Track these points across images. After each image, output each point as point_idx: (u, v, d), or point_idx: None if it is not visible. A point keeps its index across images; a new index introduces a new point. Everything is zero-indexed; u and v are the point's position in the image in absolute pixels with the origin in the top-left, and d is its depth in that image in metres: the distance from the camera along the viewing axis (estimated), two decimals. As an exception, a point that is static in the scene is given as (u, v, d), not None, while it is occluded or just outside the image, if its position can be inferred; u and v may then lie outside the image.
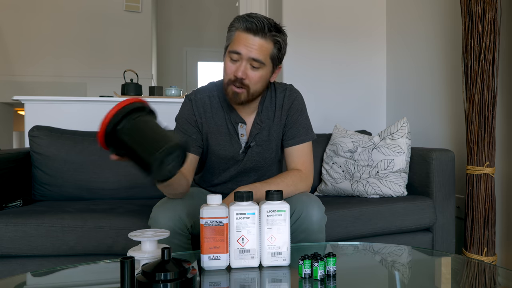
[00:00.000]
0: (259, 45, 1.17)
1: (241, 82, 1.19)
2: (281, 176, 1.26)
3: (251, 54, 1.16)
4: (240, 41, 1.17)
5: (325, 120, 2.53)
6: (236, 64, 1.19)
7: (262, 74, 1.21)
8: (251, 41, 1.16)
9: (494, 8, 1.64)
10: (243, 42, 1.16)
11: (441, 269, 0.98)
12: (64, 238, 1.44)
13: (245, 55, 1.16)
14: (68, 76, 4.96)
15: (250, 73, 1.19)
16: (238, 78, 1.18)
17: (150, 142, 0.77)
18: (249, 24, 1.15)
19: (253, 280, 0.88)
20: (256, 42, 1.16)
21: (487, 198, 1.70)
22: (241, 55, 1.17)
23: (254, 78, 1.20)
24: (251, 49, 1.16)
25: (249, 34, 1.16)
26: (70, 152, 1.90)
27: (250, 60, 1.17)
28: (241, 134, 1.31)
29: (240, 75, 1.17)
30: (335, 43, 2.62)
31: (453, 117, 2.13)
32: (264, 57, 1.18)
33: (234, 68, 1.19)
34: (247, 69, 1.18)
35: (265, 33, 1.16)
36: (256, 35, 1.16)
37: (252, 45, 1.16)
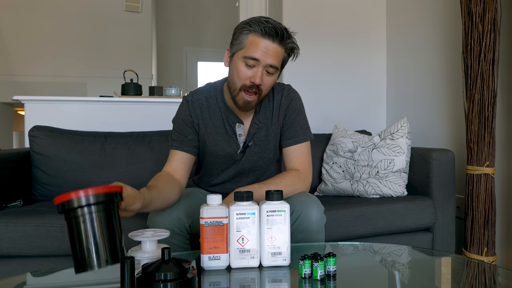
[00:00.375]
0: (277, 51, 1.16)
1: (257, 88, 1.19)
2: (280, 176, 1.26)
3: (269, 60, 1.16)
4: (258, 46, 1.15)
5: (325, 120, 2.53)
6: (253, 70, 1.17)
7: (274, 79, 1.22)
8: (269, 47, 1.15)
9: (494, 8, 1.64)
10: (261, 48, 1.15)
11: (441, 269, 0.98)
12: (64, 238, 1.44)
13: (263, 62, 1.16)
14: (68, 76, 4.96)
15: (265, 79, 1.19)
16: (255, 85, 1.18)
17: (85, 250, 0.69)
18: (267, 29, 1.14)
19: (253, 280, 0.88)
20: (275, 48, 1.16)
21: (487, 198, 1.70)
22: (258, 61, 1.16)
23: (268, 84, 1.20)
24: (269, 56, 1.15)
25: (267, 40, 1.15)
26: (70, 152, 1.90)
27: (267, 66, 1.17)
28: (239, 134, 1.31)
29: (258, 82, 1.17)
30: (335, 43, 2.62)
31: (453, 117, 2.13)
32: (278, 63, 1.19)
33: (251, 74, 1.17)
34: (264, 75, 1.18)
35: (284, 39, 1.16)
36: (274, 41, 1.15)
37: (270, 51, 1.15)
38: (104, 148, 1.95)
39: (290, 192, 1.24)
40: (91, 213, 0.70)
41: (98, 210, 0.71)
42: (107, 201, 0.72)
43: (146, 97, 2.54)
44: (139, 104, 2.35)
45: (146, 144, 2.00)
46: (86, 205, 0.70)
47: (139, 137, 2.03)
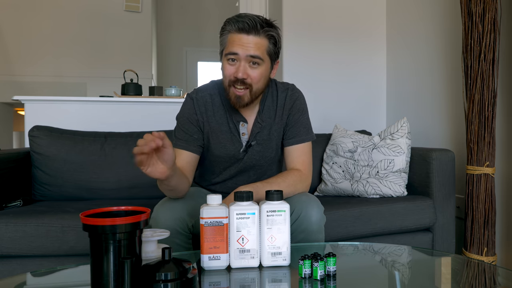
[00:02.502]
0: (254, 42, 1.17)
1: (242, 82, 1.19)
2: (281, 175, 1.26)
3: (249, 52, 1.17)
4: (235, 42, 1.17)
5: (325, 120, 2.53)
6: (235, 65, 1.19)
7: (262, 71, 1.21)
8: (246, 40, 1.16)
9: (494, 8, 1.64)
10: (238, 42, 1.17)
11: (441, 269, 0.98)
12: (64, 238, 1.44)
13: (243, 54, 1.17)
14: (68, 76, 4.96)
15: (250, 72, 1.19)
16: (239, 79, 1.18)
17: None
18: (240, 25, 1.16)
19: (253, 280, 0.88)
20: (251, 40, 1.17)
21: (487, 198, 1.70)
22: (238, 55, 1.17)
23: (255, 76, 1.20)
24: (247, 48, 1.16)
25: (242, 34, 1.16)
26: (70, 152, 1.90)
27: (249, 58, 1.17)
28: (242, 133, 1.31)
29: (241, 76, 1.17)
30: (335, 43, 2.62)
31: (453, 117, 2.13)
32: (261, 53, 1.19)
33: (234, 70, 1.19)
34: (247, 68, 1.18)
35: (258, 30, 1.17)
36: (249, 33, 1.16)
37: (248, 43, 1.16)
38: (104, 148, 1.95)
39: (291, 192, 1.24)
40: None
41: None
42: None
43: (146, 97, 2.54)
44: (139, 104, 2.35)
45: (146, 144, 2.00)
46: None
47: (139, 137, 2.02)
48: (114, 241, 0.70)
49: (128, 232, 0.70)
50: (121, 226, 0.69)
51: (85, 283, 0.82)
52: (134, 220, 0.71)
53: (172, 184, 1.10)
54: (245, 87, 1.20)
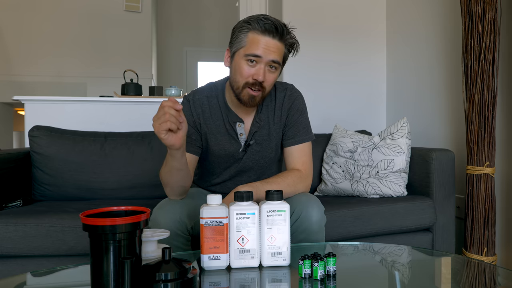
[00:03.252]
0: (278, 47, 1.17)
1: (260, 84, 1.19)
2: (282, 175, 1.26)
3: (270, 56, 1.16)
4: (259, 43, 1.15)
5: (325, 120, 2.53)
6: (255, 67, 1.18)
7: (276, 76, 1.22)
8: (271, 43, 1.15)
9: (494, 8, 1.64)
10: (262, 45, 1.15)
11: (441, 269, 0.98)
12: (64, 238, 1.44)
13: (265, 58, 1.16)
14: (68, 76, 4.95)
15: (268, 75, 1.19)
16: (257, 82, 1.18)
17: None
18: (267, 26, 1.14)
19: (253, 280, 0.88)
20: (276, 44, 1.16)
21: (487, 198, 1.70)
22: (261, 58, 1.16)
23: (271, 80, 1.21)
24: (270, 52, 1.16)
25: (267, 37, 1.15)
26: (70, 152, 1.90)
27: (270, 62, 1.17)
28: (239, 133, 1.31)
29: (261, 79, 1.17)
30: (335, 43, 2.62)
31: (453, 117, 2.13)
32: (280, 58, 1.19)
33: (254, 71, 1.18)
34: (266, 71, 1.18)
35: (283, 35, 1.17)
36: (275, 37, 1.16)
37: (272, 47, 1.16)
38: (104, 148, 1.95)
39: (291, 192, 1.24)
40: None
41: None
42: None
43: (146, 97, 2.54)
44: (139, 104, 2.35)
45: (146, 144, 2.00)
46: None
47: (139, 137, 2.03)
48: (114, 241, 0.70)
49: (128, 232, 0.70)
50: (121, 226, 0.70)
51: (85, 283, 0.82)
52: (134, 220, 0.71)
53: (183, 161, 1.12)
54: (260, 89, 1.20)
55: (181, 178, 1.17)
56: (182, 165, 1.13)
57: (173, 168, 1.14)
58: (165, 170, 1.16)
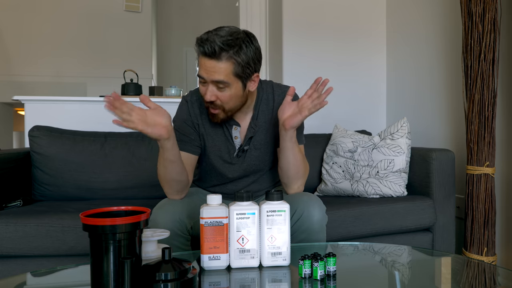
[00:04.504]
0: (216, 67, 1.14)
1: (212, 103, 1.20)
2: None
3: (212, 77, 1.15)
4: (201, 65, 1.17)
5: (325, 120, 2.53)
6: (205, 87, 1.19)
7: (231, 93, 1.19)
8: (208, 64, 1.15)
9: (494, 8, 1.64)
10: (203, 66, 1.16)
11: (441, 269, 0.98)
12: (64, 238, 1.44)
13: (208, 79, 1.17)
14: (68, 76, 4.95)
15: (219, 94, 1.18)
16: (207, 101, 1.19)
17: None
18: (201, 49, 1.14)
19: (253, 280, 0.88)
20: (213, 65, 1.14)
21: (487, 198, 1.70)
22: (204, 79, 1.18)
23: (224, 98, 1.19)
24: (210, 73, 1.15)
25: (205, 58, 1.15)
26: (70, 152, 1.90)
27: (214, 82, 1.17)
28: (234, 137, 1.31)
29: (208, 98, 1.18)
30: (335, 43, 2.62)
31: (453, 117, 2.13)
32: (225, 77, 1.15)
33: (204, 91, 1.19)
34: (214, 91, 1.18)
35: (217, 54, 1.13)
36: (211, 58, 1.14)
37: (210, 68, 1.15)
38: (104, 148, 1.95)
39: (302, 170, 1.27)
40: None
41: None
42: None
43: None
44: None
45: (146, 144, 2.00)
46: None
47: (139, 137, 2.03)
48: (114, 241, 0.70)
49: (128, 232, 0.70)
50: (121, 226, 0.70)
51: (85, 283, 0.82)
52: (134, 220, 0.71)
53: (174, 152, 1.14)
54: (216, 107, 1.21)
55: (176, 171, 1.18)
56: (174, 157, 1.15)
57: (166, 161, 1.15)
58: (159, 165, 1.18)
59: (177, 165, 1.17)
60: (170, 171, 1.17)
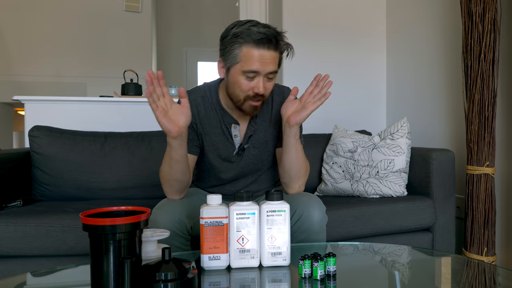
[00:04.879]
0: (273, 57, 1.16)
1: (261, 96, 1.19)
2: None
3: (268, 68, 1.16)
4: (254, 58, 1.13)
5: (325, 120, 2.53)
6: (254, 81, 1.17)
7: (273, 83, 1.23)
8: (266, 55, 1.14)
9: (494, 8, 1.64)
10: (258, 59, 1.14)
11: (441, 269, 0.98)
12: (64, 238, 1.44)
13: (263, 72, 1.16)
14: (68, 76, 4.95)
15: (267, 84, 1.20)
16: (258, 94, 1.18)
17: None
18: (260, 38, 1.12)
19: (253, 280, 0.88)
20: (270, 55, 1.15)
21: (487, 198, 1.70)
22: (259, 73, 1.16)
23: (269, 88, 1.21)
24: (267, 64, 1.15)
25: (262, 50, 1.13)
26: (70, 152, 1.90)
27: (267, 74, 1.17)
28: (234, 135, 1.31)
29: (262, 91, 1.18)
30: (335, 43, 2.62)
31: (453, 117, 2.13)
32: (276, 66, 1.19)
33: (253, 85, 1.17)
34: (265, 82, 1.18)
35: (279, 44, 1.16)
36: (269, 48, 1.14)
37: (267, 59, 1.14)
38: (104, 148, 1.95)
39: (303, 169, 1.28)
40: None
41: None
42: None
43: (146, 97, 2.53)
44: (139, 104, 2.35)
45: (146, 144, 2.00)
46: None
47: (139, 137, 2.03)
48: (114, 241, 0.70)
49: (128, 232, 0.70)
50: (121, 226, 0.70)
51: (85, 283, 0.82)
52: (134, 220, 0.71)
53: (181, 152, 1.14)
54: (261, 99, 1.21)
55: (180, 171, 1.18)
56: (180, 157, 1.15)
57: (172, 160, 1.15)
58: (164, 162, 1.18)
59: (182, 165, 1.17)
60: (175, 170, 1.17)
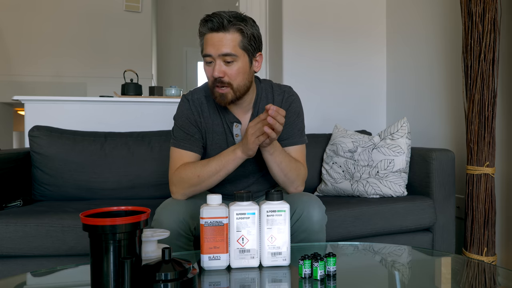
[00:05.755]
0: (224, 39, 1.17)
1: (221, 81, 1.19)
2: (293, 158, 1.29)
3: (219, 50, 1.17)
4: (207, 42, 1.18)
5: (325, 120, 2.53)
6: (212, 66, 1.20)
7: (239, 67, 1.20)
8: (215, 38, 1.17)
9: (494, 8, 1.64)
10: (209, 42, 1.18)
11: (441, 269, 0.98)
12: (64, 238, 1.44)
13: (215, 54, 1.17)
14: (68, 76, 4.96)
15: (227, 69, 1.19)
16: (216, 78, 1.19)
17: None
18: (209, 24, 1.17)
19: (253, 280, 0.88)
20: (221, 37, 1.17)
21: (487, 198, 1.70)
22: (212, 56, 1.18)
23: (232, 73, 1.20)
24: (218, 46, 1.17)
25: (212, 33, 1.17)
26: (70, 152, 1.90)
27: (222, 57, 1.17)
28: (235, 134, 1.31)
29: (217, 74, 1.18)
30: (335, 43, 2.62)
31: (453, 117, 2.13)
32: (233, 48, 1.18)
33: (211, 70, 1.20)
34: (222, 66, 1.18)
35: (225, 26, 1.16)
36: (218, 31, 1.17)
37: (218, 41, 1.17)
38: (104, 148, 1.95)
39: (293, 175, 1.27)
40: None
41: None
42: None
43: (146, 97, 2.54)
44: (139, 104, 2.35)
45: (146, 144, 2.00)
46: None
47: (139, 137, 2.03)
48: (114, 241, 0.70)
49: (128, 232, 0.70)
50: (121, 226, 0.70)
51: (85, 283, 0.82)
52: (134, 220, 0.71)
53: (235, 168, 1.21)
54: (225, 85, 1.20)
55: (217, 182, 1.23)
56: (232, 171, 1.22)
57: (226, 171, 1.21)
58: (211, 170, 1.20)
59: (222, 178, 1.22)
60: (216, 180, 1.22)
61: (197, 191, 1.24)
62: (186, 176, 1.21)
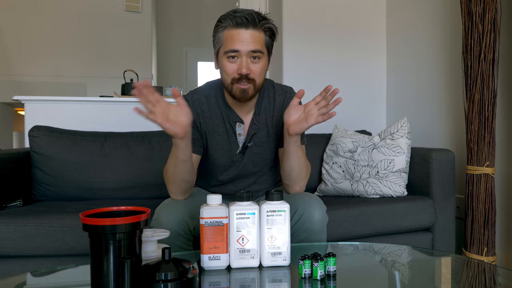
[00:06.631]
0: (254, 36, 1.17)
1: (246, 78, 1.18)
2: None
3: (250, 47, 1.16)
4: (234, 38, 1.16)
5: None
6: (237, 62, 1.18)
7: (263, 65, 1.21)
8: (245, 35, 1.16)
9: (494, 8, 1.64)
10: (237, 38, 1.16)
11: (441, 269, 0.98)
12: (64, 238, 1.44)
13: (244, 51, 1.16)
14: (68, 76, 4.95)
15: (253, 66, 1.19)
16: (243, 75, 1.18)
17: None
18: (238, 19, 1.15)
19: (253, 280, 0.88)
20: (251, 34, 1.16)
21: (487, 198, 1.70)
22: (239, 52, 1.17)
23: (257, 70, 1.20)
24: (248, 43, 1.16)
25: (241, 29, 1.16)
26: (70, 152, 1.90)
27: (250, 53, 1.17)
28: (238, 134, 1.31)
29: (245, 71, 1.17)
30: (335, 43, 2.62)
31: (453, 117, 2.13)
32: (261, 47, 1.18)
33: (236, 67, 1.18)
34: (249, 63, 1.18)
35: (256, 23, 1.16)
36: (248, 27, 1.16)
37: (248, 38, 1.16)
38: (104, 148, 1.95)
39: (304, 172, 1.27)
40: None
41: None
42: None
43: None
44: (139, 104, 2.34)
45: (146, 144, 2.00)
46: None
47: (139, 137, 2.03)
48: (114, 241, 0.70)
49: (128, 232, 0.70)
50: (121, 226, 0.70)
51: (85, 283, 0.82)
52: (134, 220, 0.71)
53: (187, 152, 1.14)
54: (248, 82, 1.19)
55: (185, 170, 1.18)
56: (186, 156, 1.15)
57: (177, 160, 1.15)
58: (170, 162, 1.18)
59: (188, 165, 1.18)
60: (180, 170, 1.17)
61: (183, 186, 1.21)
62: (165, 175, 1.22)
